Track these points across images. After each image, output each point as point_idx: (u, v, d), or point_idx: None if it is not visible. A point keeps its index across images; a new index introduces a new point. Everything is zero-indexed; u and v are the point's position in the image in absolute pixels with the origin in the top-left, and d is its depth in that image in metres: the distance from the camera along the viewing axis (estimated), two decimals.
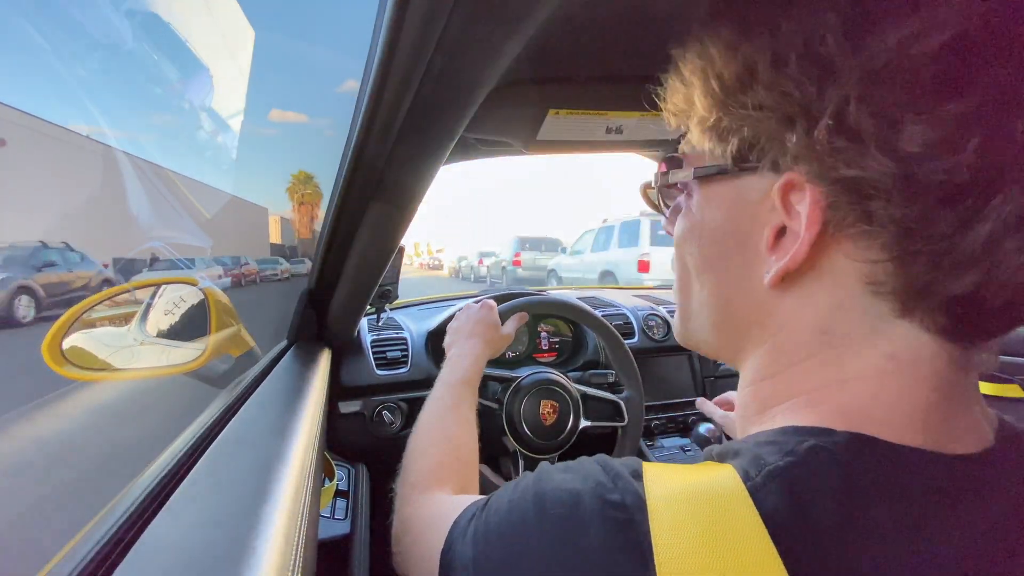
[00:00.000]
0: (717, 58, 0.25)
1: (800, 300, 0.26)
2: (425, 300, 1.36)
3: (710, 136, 0.27)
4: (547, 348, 1.22)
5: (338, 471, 0.82)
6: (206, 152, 2.08)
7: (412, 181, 0.54)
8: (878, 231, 0.22)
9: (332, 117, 3.41)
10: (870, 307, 0.24)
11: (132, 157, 0.95)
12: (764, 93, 0.23)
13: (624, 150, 0.81)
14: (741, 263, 0.28)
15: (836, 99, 0.21)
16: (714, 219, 0.29)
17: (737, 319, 0.29)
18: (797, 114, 0.23)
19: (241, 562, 0.25)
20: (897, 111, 0.20)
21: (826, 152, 0.22)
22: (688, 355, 1.24)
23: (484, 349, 0.74)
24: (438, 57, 0.35)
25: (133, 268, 1.14)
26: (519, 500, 0.28)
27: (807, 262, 0.24)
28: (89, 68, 0.82)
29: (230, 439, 0.42)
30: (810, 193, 0.23)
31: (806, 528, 0.21)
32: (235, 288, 2.83)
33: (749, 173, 0.26)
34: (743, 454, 0.25)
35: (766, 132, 0.24)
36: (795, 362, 0.27)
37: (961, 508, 0.22)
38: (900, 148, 0.20)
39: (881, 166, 0.21)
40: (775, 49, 0.23)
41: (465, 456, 0.56)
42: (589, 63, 0.55)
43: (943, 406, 0.24)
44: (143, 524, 0.29)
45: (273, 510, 0.31)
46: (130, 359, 0.74)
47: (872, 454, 0.22)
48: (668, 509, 0.23)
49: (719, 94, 0.25)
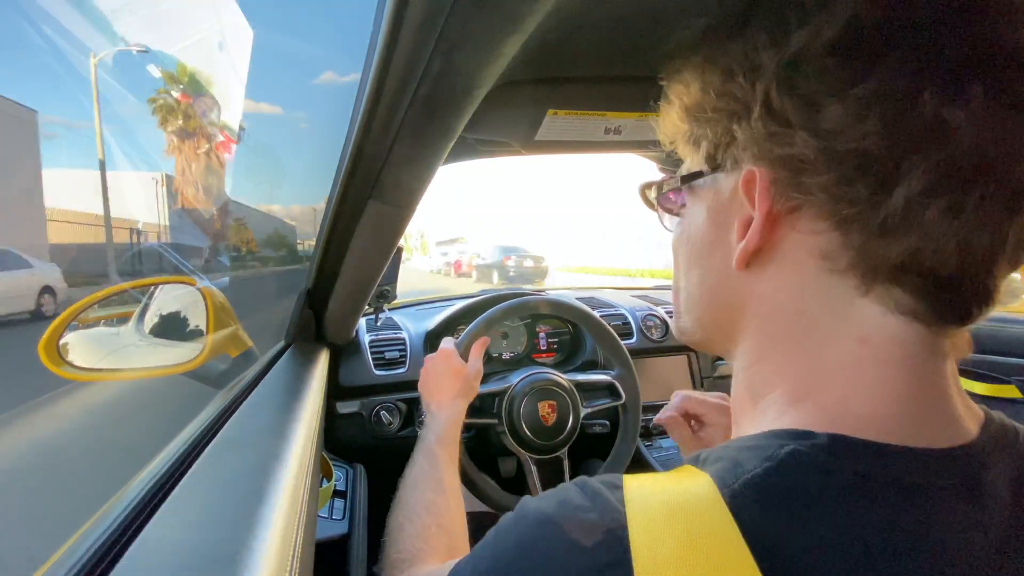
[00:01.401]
0: (690, 81, 0.30)
1: (770, 282, 0.28)
2: (423, 300, 1.36)
3: (688, 147, 0.32)
4: (545, 348, 1.22)
5: (336, 471, 0.82)
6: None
7: (411, 181, 0.54)
8: (812, 200, 0.25)
9: (330, 116, 3.44)
10: (832, 287, 0.25)
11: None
12: (717, 99, 0.28)
13: (623, 150, 0.81)
14: (721, 256, 0.30)
15: (763, 90, 0.25)
16: (698, 219, 0.32)
17: (721, 307, 0.31)
18: (739, 110, 0.27)
19: (238, 562, 0.25)
20: (813, 96, 0.24)
21: (763, 137, 0.26)
22: (687, 355, 1.25)
23: (454, 401, 0.72)
24: (437, 57, 0.35)
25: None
26: (503, 546, 0.28)
27: (769, 244, 0.27)
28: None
29: (228, 439, 0.42)
30: (757, 175, 0.26)
31: (785, 537, 0.21)
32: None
33: (721, 172, 0.30)
34: (723, 459, 0.25)
35: (722, 130, 0.28)
36: (778, 346, 0.28)
37: (944, 507, 0.22)
38: (820, 127, 0.24)
39: (805, 143, 0.24)
40: (727, 66, 0.27)
41: (447, 524, 0.54)
42: (588, 63, 0.55)
43: (921, 395, 0.24)
44: (140, 525, 0.29)
45: (271, 510, 0.31)
46: (127, 359, 0.73)
47: (851, 456, 0.23)
48: (646, 523, 0.23)
49: (691, 108, 0.30)
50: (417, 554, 0.49)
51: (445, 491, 0.58)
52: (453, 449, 0.66)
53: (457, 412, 0.71)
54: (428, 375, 0.77)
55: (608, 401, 0.97)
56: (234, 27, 4.75)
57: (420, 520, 0.53)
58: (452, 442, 0.66)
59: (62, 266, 2.68)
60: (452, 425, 0.69)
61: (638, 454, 1.10)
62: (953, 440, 0.24)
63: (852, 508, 0.21)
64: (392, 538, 0.52)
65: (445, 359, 0.77)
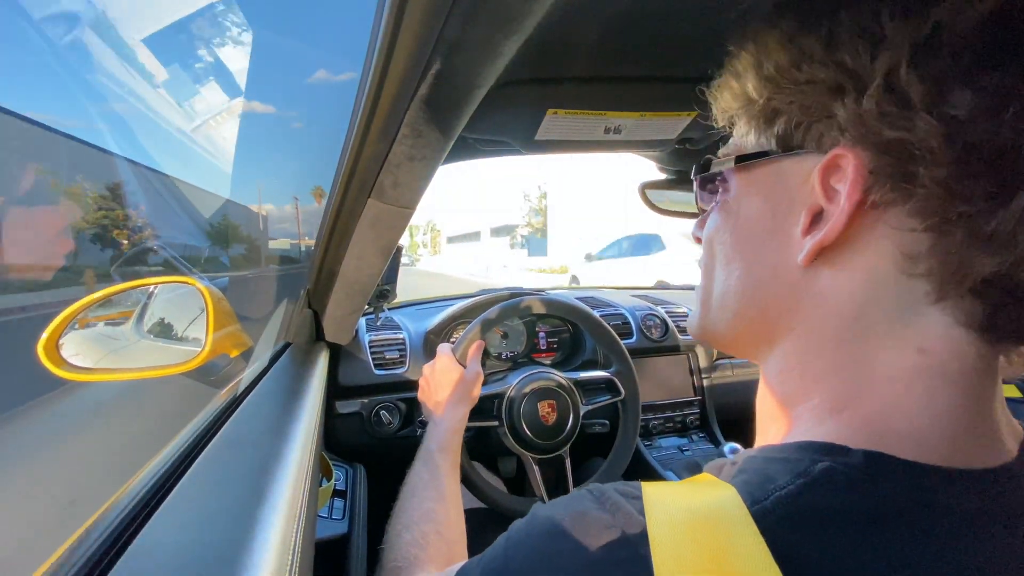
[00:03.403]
0: (773, 47, 0.26)
1: (834, 280, 0.25)
2: (423, 300, 1.36)
3: (757, 121, 0.28)
4: (545, 348, 1.22)
5: (336, 471, 0.82)
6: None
7: (410, 181, 0.54)
8: (919, 194, 0.22)
9: (330, 116, 3.39)
10: (903, 291, 0.23)
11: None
12: (817, 67, 0.24)
13: (623, 150, 0.81)
14: (775, 247, 0.27)
15: (887, 65, 0.22)
16: (751, 206, 0.29)
17: (767, 304, 0.28)
18: (847, 83, 0.23)
19: (237, 562, 0.25)
20: (944, 78, 0.21)
21: (874, 116, 0.22)
22: (686, 355, 1.25)
23: (454, 407, 0.71)
24: (437, 57, 0.35)
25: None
26: (515, 557, 0.27)
27: (844, 238, 0.24)
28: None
29: (227, 439, 0.42)
30: (854, 159, 0.23)
31: (816, 560, 0.20)
32: None
33: (791, 156, 0.26)
34: (749, 471, 0.24)
35: (816, 104, 0.25)
36: (824, 351, 0.26)
37: (984, 531, 0.21)
38: (946, 112, 0.21)
39: (928, 127, 0.21)
40: (833, 34, 0.24)
41: (446, 532, 0.54)
42: (588, 63, 0.55)
43: (968, 413, 0.23)
44: (139, 524, 0.29)
45: (270, 510, 0.31)
46: (127, 359, 0.73)
47: (889, 477, 0.22)
48: (670, 537, 0.22)
49: (773, 74, 0.26)
50: (414, 561, 0.48)
51: (445, 499, 0.58)
52: (454, 457, 0.65)
53: (458, 419, 0.71)
54: (427, 384, 0.77)
55: (608, 398, 0.97)
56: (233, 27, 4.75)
57: (419, 528, 0.53)
58: (453, 449, 0.66)
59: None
60: (453, 433, 0.68)
61: (637, 454, 1.10)
62: (992, 461, 0.23)
63: (884, 532, 0.21)
64: (390, 545, 0.52)
65: (443, 366, 0.77)
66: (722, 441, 1.18)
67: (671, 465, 1.08)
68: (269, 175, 13.41)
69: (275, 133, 16.84)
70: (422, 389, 0.78)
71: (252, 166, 12.23)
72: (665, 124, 0.68)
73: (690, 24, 0.47)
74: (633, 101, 0.62)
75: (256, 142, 10.26)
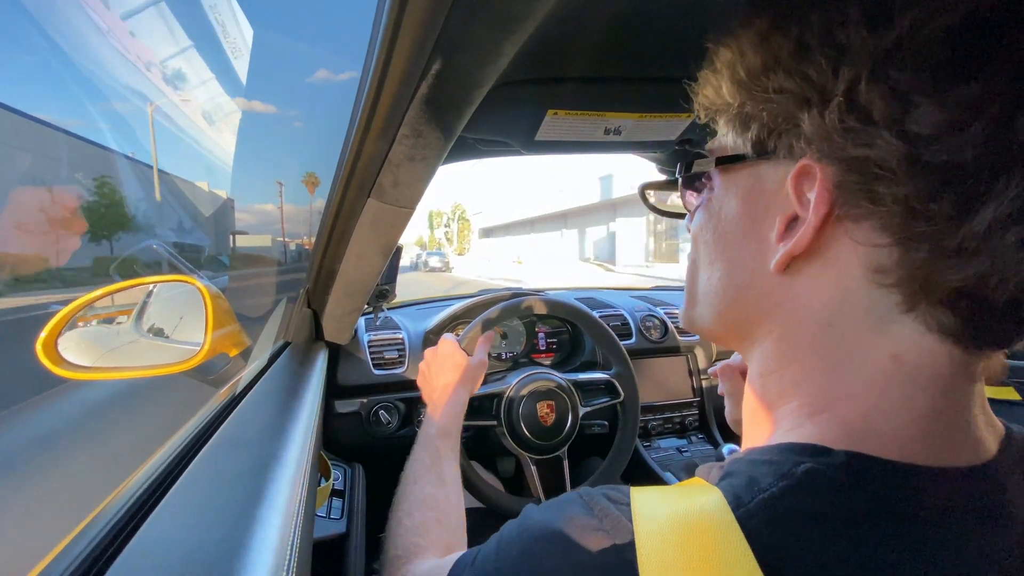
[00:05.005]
0: (747, 48, 0.26)
1: (806, 288, 0.25)
2: (423, 300, 1.36)
3: (733, 124, 0.28)
4: (545, 348, 1.22)
5: (334, 471, 0.82)
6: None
7: (410, 181, 0.54)
8: (882, 212, 0.22)
9: (330, 116, 3.39)
10: (875, 301, 0.23)
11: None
12: (784, 77, 0.24)
13: (623, 151, 0.81)
14: (752, 251, 0.28)
15: (848, 79, 0.22)
16: (731, 207, 0.29)
17: (745, 306, 0.29)
18: (813, 95, 0.23)
19: (235, 561, 0.25)
20: (907, 92, 0.20)
21: (837, 132, 0.22)
22: (685, 356, 1.25)
23: (457, 391, 0.71)
24: (437, 57, 0.35)
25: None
26: (505, 556, 0.28)
27: (814, 248, 0.24)
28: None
29: (226, 438, 0.42)
30: (820, 173, 0.23)
31: (798, 560, 0.20)
32: None
33: (767, 161, 0.27)
34: (735, 474, 0.24)
35: (783, 114, 0.24)
36: (801, 356, 0.26)
37: (965, 528, 0.22)
38: (908, 129, 0.20)
39: (889, 146, 0.21)
40: (800, 38, 0.23)
41: (446, 518, 0.54)
42: (588, 63, 0.55)
43: (945, 415, 0.23)
44: (137, 523, 0.29)
45: (268, 509, 0.31)
46: (126, 357, 0.73)
47: (870, 477, 0.22)
48: (656, 542, 0.22)
49: (745, 80, 0.26)
50: (415, 550, 0.48)
51: (445, 484, 0.57)
52: (454, 442, 0.65)
53: (459, 402, 0.70)
54: (428, 368, 0.76)
55: (607, 399, 0.97)
56: (233, 28, 4.81)
57: (419, 515, 0.53)
58: (453, 434, 0.65)
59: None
60: (454, 416, 0.68)
61: (636, 455, 1.10)
62: (973, 459, 0.23)
63: (868, 533, 0.21)
64: (391, 533, 0.51)
65: (445, 351, 0.76)
66: (721, 442, 1.18)
67: (670, 466, 1.08)
68: (269, 175, 13.41)
69: (275, 133, 16.87)
70: (422, 374, 0.77)
71: (252, 166, 12.23)
72: (665, 125, 0.68)
73: (690, 25, 0.47)
74: (633, 102, 0.62)
75: (256, 142, 10.27)
